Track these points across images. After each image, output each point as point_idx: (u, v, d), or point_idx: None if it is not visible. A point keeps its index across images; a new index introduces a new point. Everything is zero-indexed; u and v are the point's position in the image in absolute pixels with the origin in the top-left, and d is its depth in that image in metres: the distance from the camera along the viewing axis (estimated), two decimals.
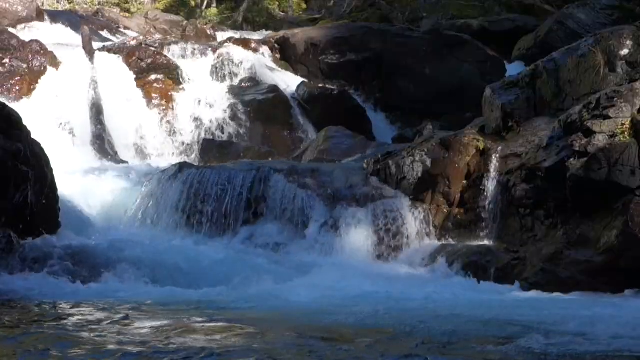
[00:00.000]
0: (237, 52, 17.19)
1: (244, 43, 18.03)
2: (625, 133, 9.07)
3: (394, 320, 6.76)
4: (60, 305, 7.28)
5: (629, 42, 10.67)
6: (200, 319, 6.68)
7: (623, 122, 9.14)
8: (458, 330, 6.30)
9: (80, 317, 6.66)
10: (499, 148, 10.54)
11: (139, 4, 29.53)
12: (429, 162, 10.66)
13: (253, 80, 16.65)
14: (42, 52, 15.24)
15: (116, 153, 14.69)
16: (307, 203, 10.65)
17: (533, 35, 19.83)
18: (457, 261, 9.76)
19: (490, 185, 10.32)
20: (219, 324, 6.56)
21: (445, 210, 10.54)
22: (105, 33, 21.06)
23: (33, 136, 9.74)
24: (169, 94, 15.86)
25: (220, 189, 10.89)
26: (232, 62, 16.87)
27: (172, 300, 7.70)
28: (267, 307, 7.58)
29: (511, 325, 6.52)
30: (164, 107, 15.69)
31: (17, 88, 14.69)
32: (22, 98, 14.51)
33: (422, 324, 6.59)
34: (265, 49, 18.13)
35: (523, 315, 7.03)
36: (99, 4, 28.18)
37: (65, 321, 6.46)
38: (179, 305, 7.45)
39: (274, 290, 8.39)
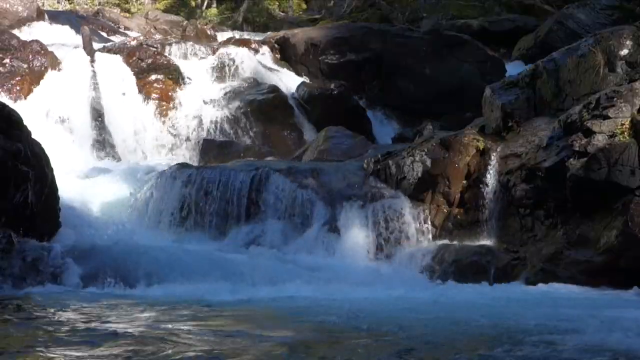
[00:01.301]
0: (237, 52, 17.19)
1: (244, 43, 18.04)
2: (625, 133, 9.07)
3: (391, 322, 6.72)
4: (58, 306, 7.28)
5: (628, 42, 10.67)
6: (193, 319, 6.69)
7: (623, 122, 9.14)
8: (453, 333, 6.28)
9: (78, 318, 6.66)
10: (499, 148, 10.54)
11: (139, 4, 29.55)
12: (429, 162, 10.66)
13: (253, 80, 16.65)
14: (42, 52, 15.23)
15: (116, 153, 14.70)
16: (307, 203, 10.66)
17: (533, 35, 19.86)
18: (456, 261, 9.76)
19: (490, 185, 10.32)
20: (215, 323, 6.56)
21: (445, 210, 10.54)
22: (105, 33, 21.07)
23: (33, 136, 9.74)
24: (169, 94, 15.86)
25: (220, 189, 10.89)
26: (232, 62, 16.86)
27: (172, 300, 7.71)
28: (262, 308, 7.58)
29: (506, 328, 6.49)
30: (164, 107, 15.68)
31: (18, 88, 14.68)
32: (22, 98, 14.50)
33: (418, 326, 6.58)
34: (265, 49, 18.13)
35: (520, 317, 7.01)
36: (99, 4, 28.20)
37: (61, 322, 6.45)
38: (176, 305, 7.45)
39: (271, 291, 8.40)
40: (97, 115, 15.00)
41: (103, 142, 14.74)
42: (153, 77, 15.96)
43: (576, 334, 6.03)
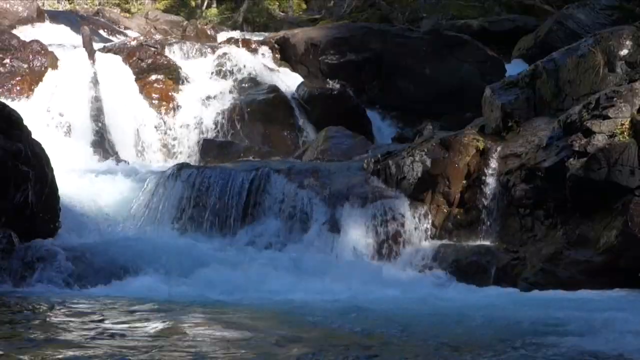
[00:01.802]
0: (237, 52, 17.20)
1: (244, 43, 18.05)
2: (625, 133, 9.07)
3: (387, 323, 6.71)
4: (57, 306, 7.28)
5: (628, 42, 10.68)
6: (191, 318, 6.70)
7: (622, 122, 9.15)
8: (451, 335, 6.26)
9: (78, 317, 6.67)
10: (499, 148, 10.55)
11: (139, 4, 29.54)
12: (429, 162, 10.67)
13: (253, 80, 16.65)
14: (42, 52, 15.24)
15: (116, 153, 14.70)
16: (307, 203, 10.66)
17: (533, 35, 19.87)
18: (456, 261, 9.76)
19: (490, 185, 10.32)
20: (211, 323, 6.56)
21: (445, 210, 10.54)
22: (105, 33, 21.08)
23: (33, 136, 9.74)
24: (169, 94, 15.87)
25: (220, 189, 10.90)
26: (232, 63, 16.87)
27: (172, 300, 7.71)
28: (259, 308, 7.57)
29: (502, 330, 6.47)
30: (164, 107, 15.70)
31: (18, 88, 14.69)
32: (22, 98, 14.51)
33: (416, 328, 6.56)
34: (265, 49, 18.14)
35: (517, 319, 6.98)
36: (99, 4, 28.19)
37: (59, 322, 6.46)
38: (175, 304, 7.45)
39: (271, 291, 8.40)
40: (97, 115, 15.00)
41: (103, 142, 14.74)
42: (153, 77, 15.96)
43: (572, 336, 6.02)
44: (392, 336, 6.20)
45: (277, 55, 18.37)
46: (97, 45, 16.63)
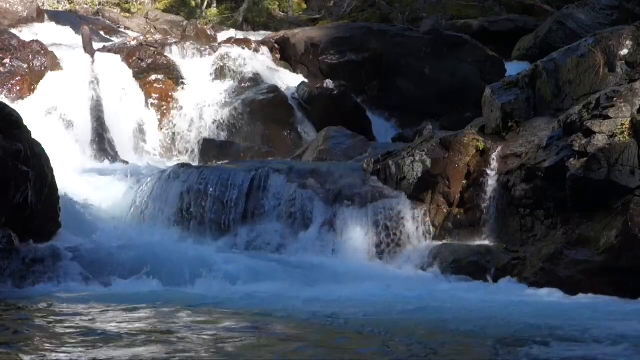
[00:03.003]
0: (237, 52, 17.19)
1: (244, 43, 18.03)
2: (625, 133, 9.08)
3: (389, 325, 6.71)
4: (58, 306, 7.29)
5: (628, 42, 10.67)
6: (190, 318, 6.70)
7: (623, 122, 9.15)
8: (448, 338, 6.26)
9: (78, 318, 6.67)
10: (499, 148, 10.55)
11: (139, 4, 29.52)
12: (429, 162, 10.66)
13: (253, 80, 16.65)
14: (42, 52, 15.24)
15: (116, 153, 14.70)
16: (307, 203, 10.66)
17: (533, 35, 19.87)
18: (456, 261, 9.76)
19: (490, 185, 10.32)
20: (211, 323, 6.56)
21: (445, 210, 10.54)
22: (105, 33, 21.07)
23: (33, 136, 9.74)
24: (169, 94, 15.87)
25: (220, 189, 10.89)
26: (232, 62, 16.87)
27: (172, 300, 7.71)
28: (259, 309, 7.57)
29: (495, 333, 6.45)
30: (164, 107, 15.70)
31: (18, 88, 14.69)
32: (22, 98, 14.51)
33: (416, 328, 6.56)
34: (265, 49, 18.11)
35: (514, 323, 6.96)
36: (99, 4, 28.18)
37: (59, 322, 6.46)
38: (173, 304, 7.45)
39: (271, 291, 8.40)
40: (97, 115, 15.00)
41: (103, 142, 14.74)
42: (153, 77, 15.96)
43: (560, 341, 6.02)
44: (392, 337, 6.20)
45: (277, 55, 18.36)
46: (97, 45, 16.62)
